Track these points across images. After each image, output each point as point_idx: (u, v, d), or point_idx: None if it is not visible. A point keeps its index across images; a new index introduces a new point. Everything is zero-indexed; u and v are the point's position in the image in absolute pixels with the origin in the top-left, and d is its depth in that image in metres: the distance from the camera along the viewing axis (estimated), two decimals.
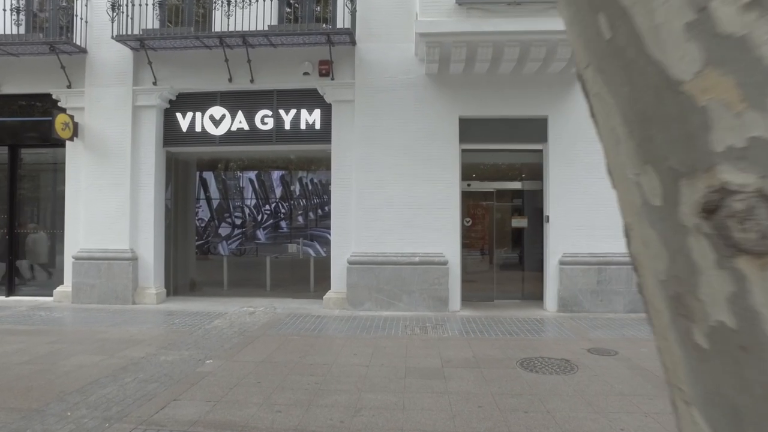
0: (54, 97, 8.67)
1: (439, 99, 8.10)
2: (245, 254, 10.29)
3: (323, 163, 9.26)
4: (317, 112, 8.47)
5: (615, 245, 7.79)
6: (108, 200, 8.44)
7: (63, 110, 8.54)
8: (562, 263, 7.87)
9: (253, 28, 7.88)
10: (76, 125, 8.51)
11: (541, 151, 8.29)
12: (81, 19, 8.47)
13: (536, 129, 8.16)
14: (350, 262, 7.97)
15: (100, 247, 8.41)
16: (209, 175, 10.12)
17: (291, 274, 10.27)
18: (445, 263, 7.88)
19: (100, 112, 8.50)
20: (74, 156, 8.63)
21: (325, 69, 8.26)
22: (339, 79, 8.26)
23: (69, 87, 8.63)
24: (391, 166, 8.07)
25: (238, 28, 7.95)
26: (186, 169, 9.74)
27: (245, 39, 7.84)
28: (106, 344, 5.75)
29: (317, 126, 8.48)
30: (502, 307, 8.29)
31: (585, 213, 7.88)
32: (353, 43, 8.10)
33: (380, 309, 7.86)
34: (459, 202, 8.09)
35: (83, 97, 8.56)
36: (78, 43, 8.45)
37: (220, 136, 8.65)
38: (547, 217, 8.07)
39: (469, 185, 8.82)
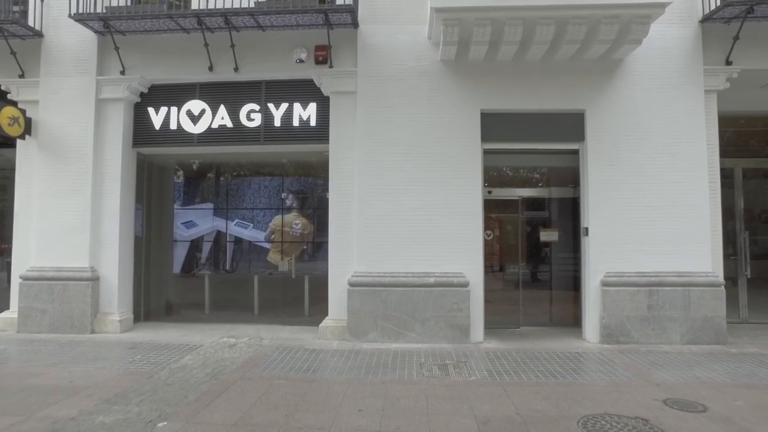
0: (3, 88, 7.39)
1: (457, 90, 6.86)
2: (231, 271, 8.96)
3: (320, 166, 7.99)
4: (313, 107, 7.21)
5: (668, 262, 6.52)
6: (64, 209, 7.12)
7: (14, 103, 7.26)
8: (605, 284, 6.56)
9: (237, 6, 6.64)
10: (28, 121, 7.23)
11: (576, 151, 7.03)
12: None
13: (571, 125, 6.91)
14: (351, 284, 6.65)
15: (54, 264, 7.07)
16: (190, 181, 8.83)
17: (283, 294, 8.94)
18: (465, 285, 6.57)
19: (57, 106, 7.22)
20: (26, 157, 7.33)
21: (323, 55, 7.02)
22: (338, 67, 7.01)
23: (21, 77, 7.36)
24: (400, 169, 6.80)
25: (220, 7, 6.72)
26: (162, 174, 8.44)
27: (227, 19, 6.60)
28: (32, 395, 4.40)
29: (313, 122, 7.22)
30: (532, 337, 6.96)
31: (631, 224, 6.60)
32: (355, 24, 6.88)
33: (388, 340, 6.53)
34: (481, 211, 6.81)
35: (38, 88, 7.29)
36: (32, 24, 7.21)
37: (199, 135, 7.37)
38: (586, 229, 6.78)
39: (490, 192, 7.55)
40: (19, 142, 7.32)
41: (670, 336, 6.41)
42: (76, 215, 7.10)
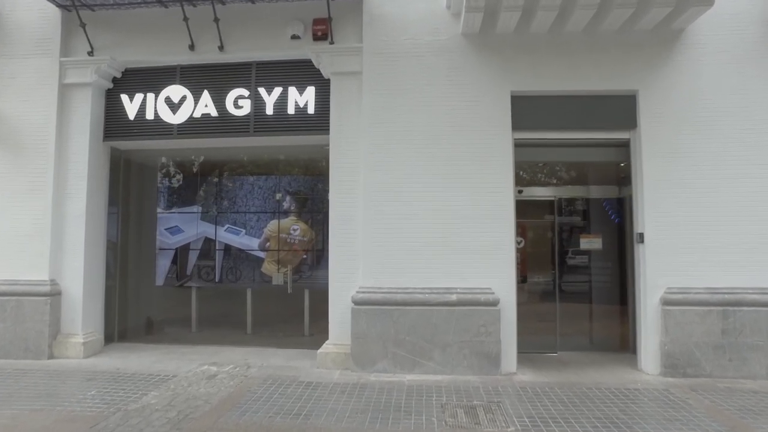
0: None
1: (483, 68, 5.72)
2: (220, 283, 7.88)
3: (321, 162, 6.90)
4: (310, 91, 6.11)
5: (747, 276, 5.30)
6: (21, 212, 6.08)
7: None
8: (666, 302, 5.34)
9: None
10: None
11: (626, 141, 5.84)
12: None
13: (620, 110, 5.73)
14: (356, 302, 5.51)
15: (8, 277, 6.03)
16: (174, 181, 7.78)
17: (280, 309, 7.85)
18: (494, 303, 5.39)
19: (13, 93, 6.21)
20: None
21: (322, 30, 5.93)
22: (340, 43, 5.91)
23: None
24: (414, 164, 5.66)
25: None
26: (142, 173, 7.40)
27: None
28: None
29: (310, 109, 6.11)
30: (574, 365, 5.75)
31: (699, 229, 5.39)
32: None
33: (400, 370, 5.36)
34: (513, 214, 5.63)
35: None
36: None
37: (180, 126, 6.30)
38: (640, 235, 5.57)
39: (520, 192, 6.37)
40: None
41: (753, 368, 5.17)
42: (35, 220, 6.05)
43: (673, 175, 5.49)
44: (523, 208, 6.39)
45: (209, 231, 7.82)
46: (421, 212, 5.59)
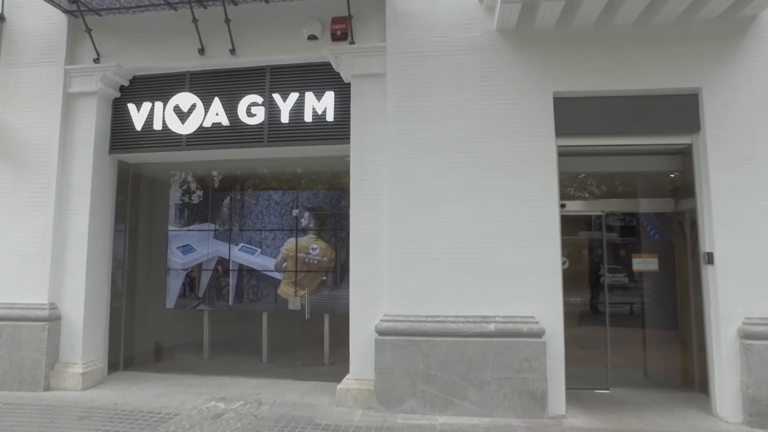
0: None
1: (521, 67, 5.09)
2: (234, 306, 7.34)
3: (343, 175, 6.35)
4: (329, 96, 5.57)
5: None
6: (21, 230, 5.68)
7: None
8: (746, 335, 4.52)
9: None
10: None
11: (688, 147, 5.10)
12: None
13: (680, 110, 5.02)
14: (380, 332, 4.85)
15: (6, 299, 5.60)
16: (186, 197, 7.33)
17: (298, 335, 7.24)
18: (539, 334, 4.67)
19: (17, 103, 5.86)
20: None
21: (341, 29, 5.41)
22: (362, 43, 5.38)
23: None
24: (444, 174, 5.04)
25: None
26: (152, 188, 6.97)
27: None
28: None
29: (329, 116, 5.57)
30: (632, 406, 4.95)
31: None
32: None
33: (431, 411, 4.66)
34: (558, 231, 4.92)
35: None
36: None
37: (189, 136, 5.84)
38: (709, 255, 4.79)
39: (563, 206, 5.65)
40: None
41: None
42: (36, 238, 5.63)
43: (746, 185, 4.72)
44: (566, 224, 5.65)
45: (222, 250, 7.31)
46: (453, 229, 4.94)
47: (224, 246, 7.31)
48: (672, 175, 5.79)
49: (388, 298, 4.94)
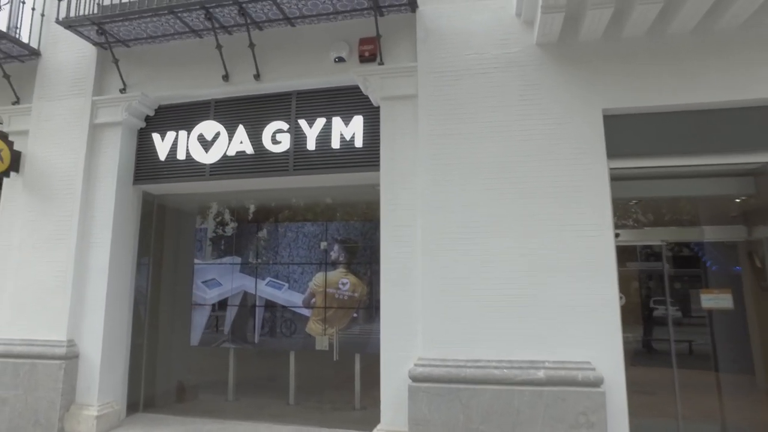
0: None
1: (565, 83, 4.65)
2: (260, 344, 6.95)
3: (374, 205, 5.97)
4: (357, 121, 5.26)
5: None
6: (44, 264, 5.53)
7: (4, 135, 5.95)
8: None
9: None
10: (15, 155, 5.86)
11: (764, 166, 4.48)
12: (33, 10, 6.05)
13: (752, 125, 4.43)
14: (415, 378, 4.33)
15: (25, 336, 5.41)
16: (211, 229, 7.10)
17: (328, 375, 6.75)
18: (597, 383, 4.04)
19: (47, 135, 5.82)
20: (11, 198, 5.92)
21: (369, 50, 5.14)
22: (391, 63, 5.08)
23: (16, 103, 6.11)
24: (483, 202, 4.57)
25: None
26: (178, 220, 6.78)
27: (242, 8, 4.94)
28: None
29: (358, 142, 5.24)
30: None
31: None
32: (412, 5, 4.99)
33: None
34: (614, 264, 4.34)
35: (30, 115, 5.97)
36: (26, 41, 6.00)
37: (212, 166, 5.62)
38: None
39: (617, 235, 5.06)
40: (5, 181, 5.96)
41: None
42: (57, 272, 5.46)
43: None
44: (620, 256, 5.05)
45: (249, 285, 6.98)
46: (494, 262, 4.43)
47: (250, 280, 6.99)
48: (738, 200, 5.15)
49: (422, 339, 4.44)
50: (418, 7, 5.02)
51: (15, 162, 5.85)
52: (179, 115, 5.82)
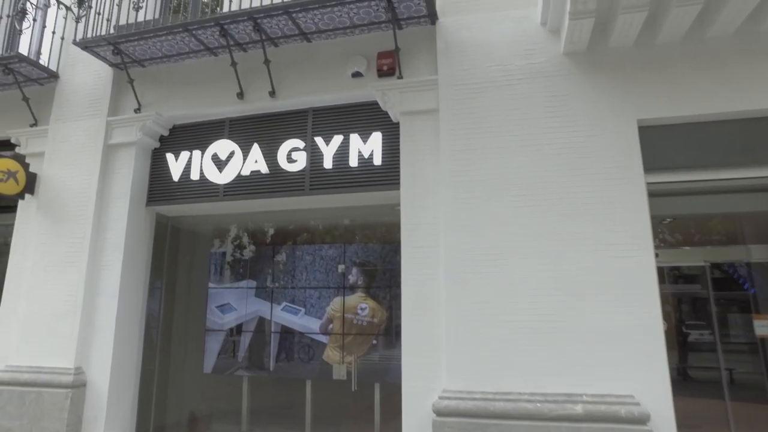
0: (13, 140, 6.14)
1: (595, 93, 4.37)
2: (275, 372, 6.65)
3: (395, 227, 5.73)
4: (376, 138, 5.05)
5: None
6: (54, 288, 5.38)
7: (21, 157, 5.91)
8: None
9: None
10: (31, 177, 5.80)
11: None
12: (54, 33, 6.08)
13: None
14: (439, 412, 3.97)
15: (33, 363, 5.22)
16: (225, 252, 6.91)
17: (346, 405, 6.39)
18: (642, 420, 3.62)
19: (62, 157, 5.76)
20: (25, 221, 5.84)
21: (388, 64, 4.96)
22: (411, 77, 4.88)
23: (34, 125, 6.09)
24: (511, 221, 4.27)
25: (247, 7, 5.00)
26: (193, 242, 6.62)
27: (257, 24, 4.83)
28: None
29: (377, 159, 5.02)
30: None
31: None
32: (432, 17, 4.81)
33: None
34: (656, 287, 3.96)
35: (47, 137, 5.93)
36: (45, 63, 6.01)
37: (226, 186, 5.46)
38: None
39: (656, 256, 4.68)
40: (20, 203, 5.90)
41: None
42: (68, 296, 5.31)
43: None
44: (660, 278, 4.66)
45: (264, 310, 6.73)
46: (524, 285, 4.10)
47: (266, 305, 6.74)
48: None
49: (447, 369, 4.10)
50: (438, 19, 4.84)
51: (30, 184, 5.79)
52: (193, 135, 5.70)
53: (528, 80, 4.52)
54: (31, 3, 5.95)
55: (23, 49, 6.10)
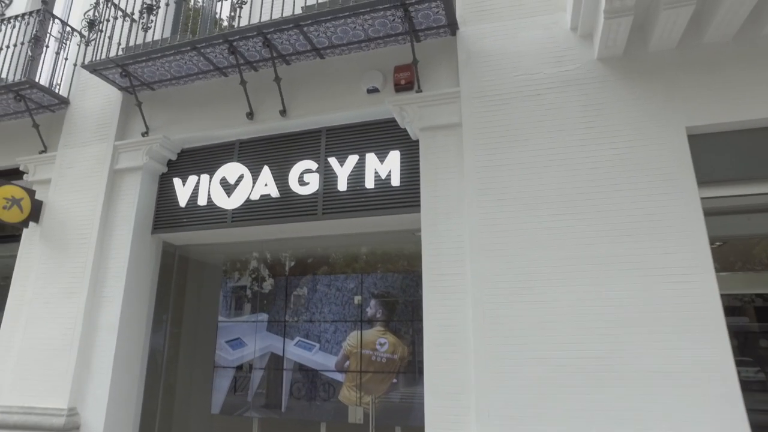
0: (22, 168, 5.98)
1: (636, 100, 3.93)
2: (288, 413, 6.12)
3: (416, 254, 5.30)
4: (394, 157, 4.67)
5: None
6: (52, 322, 5.05)
7: (30, 191, 5.72)
8: None
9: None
10: (37, 205, 5.58)
11: None
12: (66, 60, 5.99)
13: None
14: None
15: (26, 402, 4.84)
16: (235, 282, 6.53)
17: None
18: None
19: (68, 183, 5.54)
20: (28, 250, 5.59)
21: (406, 77, 4.63)
22: (431, 90, 4.53)
23: (44, 152, 5.93)
24: (544, 242, 3.79)
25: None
26: (201, 273, 6.27)
27: (267, 38, 4.59)
28: None
29: (395, 180, 4.63)
30: None
31: None
32: (452, 27, 4.50)
33: None
34: (722, 318, 3.38)
35: (54, 164, 5.75)
36: (56, 89, 5.89)
37: (234, 211, 5.13)
38: None
39: None
40: (24, 232, 5.67)
41: None
42: (65, 331, 4.96)
43: None
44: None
45: (276, 345, 6.27)
46: (562, 316, 3.58)
47: (278, 340, 6.28)
48: None
49: (476, 413, 3.55)
50: (459, 29, 4.52)
51: (36, 212, 5.56)
52: (202, 159, 5.43)
53: (558, 89, 4.12)
54: (49, 33, 5.90)
55: (38, 76, 6.00)
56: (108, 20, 5.27)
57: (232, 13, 4.91)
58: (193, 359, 6.07)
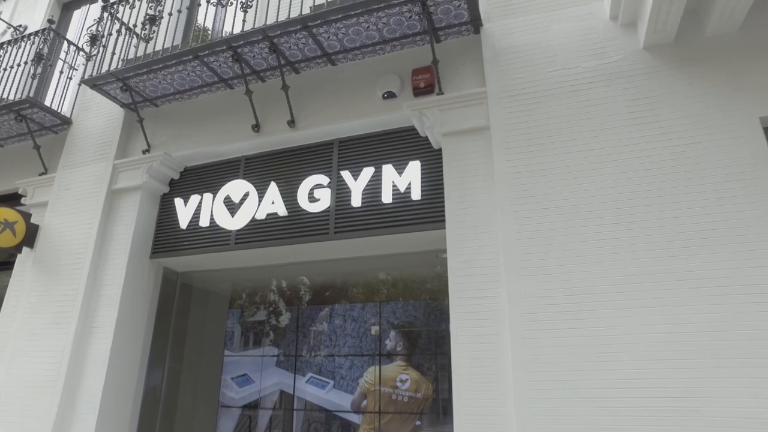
0: (20, 191, 5.65)
1: (693, 91, 3.39)
2: None
3: (442, 280, 4.74)
4: (414, 167, 4.17)
5: None
6: (38, 354, 4.57)
7: (25, 214, 5.37)
8: None
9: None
10: (32, 229, 5.21)
11: None
12: (70, 79, 5.74)
13: None
14: None
15: None
16: (241, 314, 6.00)
17: None
18: None
19: (64, 205, 5.18)
20: (20, 278, 5.19)
21: (426, 80, 4.17)
22: (453, 92, 4.06)
23: (44, 174, 5.62)
24: (596, 257, 3.20)
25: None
26: (205, 301, 5.78)
27: (273, 43, 4.21)
28: None
29: (415, 193, 4.11)
30: None
31: None
32: (475, 23, 4.06)
33: None
34: None
35: (52, 186, 5.42)
36: (57, 109, 5.62)
37: (238, 232, 4.65)
38: None
39: None
40: (18, 258, 5.29)
41: None
42: (51, 365, 4.48)
43: None
44: None
45: (286, 382, 5.67)
46: (620, 345, 2.94)
47: (288, 377, 5.68)
48: None
49: None
50: (482, 26, 4.08)
51: (30, 236, 5.19)
52: (206, 177, 5.02)
53: (601, 83, 3.61)
54: (55, 53, 5.70)
55: (47, 98, 5.79)
56: (111, 34, 5.00)
57: (242, 15, 4.59)
58: (194, 397, 5.50)
